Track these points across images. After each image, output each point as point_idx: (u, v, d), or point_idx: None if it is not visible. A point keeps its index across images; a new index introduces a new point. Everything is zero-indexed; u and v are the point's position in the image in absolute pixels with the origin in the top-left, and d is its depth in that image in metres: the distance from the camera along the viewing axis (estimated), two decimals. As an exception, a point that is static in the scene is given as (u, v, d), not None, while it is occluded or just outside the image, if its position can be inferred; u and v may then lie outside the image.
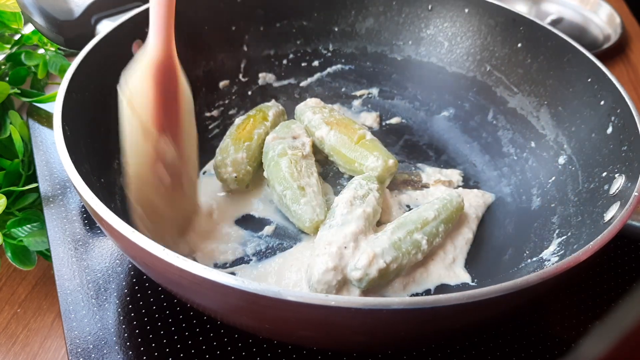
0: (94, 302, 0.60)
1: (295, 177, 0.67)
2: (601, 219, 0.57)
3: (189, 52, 0.77)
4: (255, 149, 0.73)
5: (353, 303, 0.41)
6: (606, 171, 0.62)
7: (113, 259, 0.65)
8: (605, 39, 1.14)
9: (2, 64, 0.82)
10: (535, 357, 0.58)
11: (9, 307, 0.69)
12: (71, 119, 0.58)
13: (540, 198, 0.70)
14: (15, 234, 0.69)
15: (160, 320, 0.59)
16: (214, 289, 0.43)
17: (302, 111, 0.78)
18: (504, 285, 0.43)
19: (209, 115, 0.81)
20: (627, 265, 0.68)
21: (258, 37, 0.82)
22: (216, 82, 0.79)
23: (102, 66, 0.66)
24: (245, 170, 0.70)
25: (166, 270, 0.45)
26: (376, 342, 0.52)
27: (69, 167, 0.51)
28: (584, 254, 0.47)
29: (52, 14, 0.71)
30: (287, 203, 0.67)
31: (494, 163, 0.78)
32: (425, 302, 0.41)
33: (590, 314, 0.62)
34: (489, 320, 0.53)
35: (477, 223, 0.70)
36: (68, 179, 0.65)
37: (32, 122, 0.80)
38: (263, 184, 0.73)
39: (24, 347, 0.65)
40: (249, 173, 0.71)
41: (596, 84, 0.67)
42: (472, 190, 0.74)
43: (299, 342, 0.56)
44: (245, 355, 0.57)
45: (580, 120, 0.68)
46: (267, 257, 0.66)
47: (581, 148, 0.67)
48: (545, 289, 0.46)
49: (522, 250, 0.65)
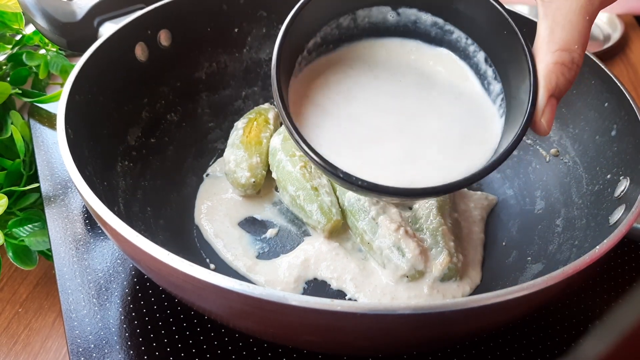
0: (95, 301, 0.60)
1: (307, 178, 0.67)
2: (606, 222, 0.57)
3: (191, 54, 0.77)
4: (266, 153, 0.73)
5: (359, 308, 0.40)
6: (610, 174, 0.62)
7: (114, 259, 0.65)
8: (605, 39, 1.14)
9: (3, 64, 0.82)
10: (535, 357, 0.58)
11: (10, 307, 0.69)
12: (74, 122, 0.58)
13: (544, 201, 0.70)
14: (17, 234, 0.69)
15: (162, 320, 0.59)
16: (218, 294, 0.43)
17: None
18: (511, 290, 0.42)
19: (210, 117, 0.80)
20: (627, 265, 0.68)
21: (260, 38, 0.82)
22: (218, 84, 0.79)
23: (105, 69, 0.66)
24: (261, 174, 0.71)
25: (170, 274, 0.45)
26: (382, 347, 0.52)
27: (72, 170, 0.51)
28: (591, 258, 0.46)
29: (54, 16, 0.71)
30: (301, 204, 0.67)
31: (497, 165, 0.78)
32: (431, 307, 0.41)
33: (590, 314, 0.63)
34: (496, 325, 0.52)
35: (483, 224, 0.70)
36: (69, 179, 0.65)
37: (33, 122, 0.80)
38: (266, 186, 0.73)
39: (25, 347, 0.65)
40: (264, 177, 0.71)
41: (600, 86, 0.66)
42: (476, 193, 0.73)
43: (303, 346, 0.56)
44: (246, 355, 0.57)
45: (584, 123, 0.68)
46: (268, 259, 0.66)
47: (585, 150, 0.67)
48: (553, 293, 0.46)
49: (526, 253, 0.65)
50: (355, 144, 0.52)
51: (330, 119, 0.54)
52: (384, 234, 0.63)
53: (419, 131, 0.54)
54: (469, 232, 0.68)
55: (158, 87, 0.75)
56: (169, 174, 0.73)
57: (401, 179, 0.50)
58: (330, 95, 0.55)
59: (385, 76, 0.57)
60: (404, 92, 0.56)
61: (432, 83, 0.57)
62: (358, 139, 0.53)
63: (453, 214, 0.67)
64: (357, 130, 0.53)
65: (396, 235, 0.62)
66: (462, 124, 0.54)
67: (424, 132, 0.54)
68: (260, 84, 0.84)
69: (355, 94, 0.55)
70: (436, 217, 0.65)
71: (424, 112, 0.55)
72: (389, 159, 0.52)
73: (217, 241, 0.67)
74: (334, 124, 0.53)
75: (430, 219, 0.65)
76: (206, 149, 0.78)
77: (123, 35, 0.69)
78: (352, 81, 0.56)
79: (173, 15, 0.74)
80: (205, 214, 0.70)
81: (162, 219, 0.68)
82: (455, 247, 0.63)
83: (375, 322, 0.42)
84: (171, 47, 0.75)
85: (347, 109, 0.54)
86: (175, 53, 0.75)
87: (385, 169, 0.51)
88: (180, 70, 0.77)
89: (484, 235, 0.69)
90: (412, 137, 0.53)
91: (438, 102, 0.56)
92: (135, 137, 0.71)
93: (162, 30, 0.73)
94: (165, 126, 0.75)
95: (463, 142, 0.53)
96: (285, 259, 0.65)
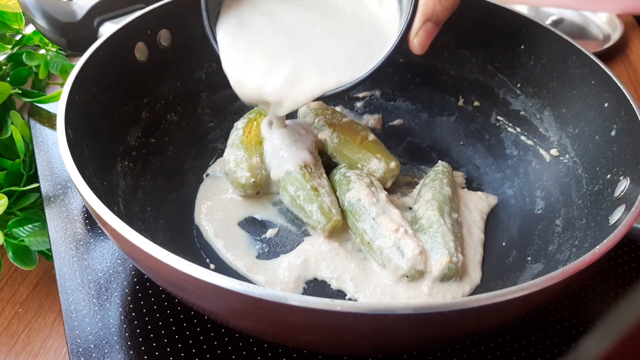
0: (95, 301, 0.60)
1: (307, 178, 0.67)
2: (606, 222, 0.57)
3: (191, 54, 0.77)
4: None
5: (359, 308, 0.41)
6: (610, 173, 0.62)
7: (114, 259, 0.65)
8: (605, 39, 1.14)
9: (3, 64, 0.82)
10: (535, 357, 0.58)
11: (10, 307, 0.69)
12: (74, 122, 0.58)
13: (544, 200, 0.70)
14: (17, 234, 0.69)
15: (162, 320, 0.59)
16: (218, 294, 0.43)
17: (305, 113, 0.78)
18: (511, 290, 0.43)
19: (210, 117, 0.80)
20: (627, 265, 0.68)
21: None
22: (218, 84, 0.79)
23: (105, 69, 0.66)
24: (262, 174, 0.70)
25: (170, 274, 0.45)
26: (382, 347, 0.52)
27: (72, 170, 0.51)
28: (591, 258, 0.46)
29: (54, 16, 0.71)
30: (301, 204, 0.67)
31: (497, 165, 0.78)
32: (431, 307, 0.41)
33: (590, 314, 0.63)
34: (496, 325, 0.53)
35: (483, 224, 0.70)
36: (69, 179, 0.65)
37: (33, 122, 0.80)
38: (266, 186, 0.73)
39: (25, 347, 0.65)
40: (264, 177, 0.71)
41: (600, 86, 0.66)
42: (476, 193, 0.73)
43: (303, 346, 0.56)
44: (246, 355, 0.57)
45: (584, 123, 0.68)
46: (268, 259, 0.66)
47: (585, 150, 0.67)
48: (552, 293, 0.46)
49: (526, 253, 0.65)
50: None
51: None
52: (384, 234, 0.63)
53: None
54: (469, 232, 0.68)
55: (158, 87, 0.75)
56: (169, 174, 0.73)
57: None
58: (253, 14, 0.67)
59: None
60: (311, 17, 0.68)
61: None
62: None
63: (453, 214, 0.67)
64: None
65: (396, 235, 0.62)
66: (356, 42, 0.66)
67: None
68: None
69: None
70: (436, 217, 0.65)
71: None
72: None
73: (217, 241, 0.67)
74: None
75: (431, 219, 0.65)
76: (206, 149, 0.78)
77: (123, 35, 0.69)
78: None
79: (173, 15, 0.74)
80: (205, 214, 0.70)
81: (162, 219, 0.68)
82: (455, 247, 0.63)
83: (375, 322, 0.42)
84: (171, 47, 0.75)
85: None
86: (175, 53, 0.76)
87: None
88: (180, 70, 0.77)
89: (484, 235, 0.69)
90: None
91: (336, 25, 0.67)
92: (135, 137, 0.71)
93: (162, 30, 0.73)
94: (165, 126, 0.75)
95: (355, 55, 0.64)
96: (285, 259, 0.65)
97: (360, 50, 0.65)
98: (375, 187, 0.68)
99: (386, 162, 0.70)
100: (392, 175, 0.71)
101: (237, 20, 0.67)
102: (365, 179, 0.69)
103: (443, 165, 0.74)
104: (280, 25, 0.67)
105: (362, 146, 0.72)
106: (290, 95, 0.63)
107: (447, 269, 0.61)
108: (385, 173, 0.70)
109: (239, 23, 0.66)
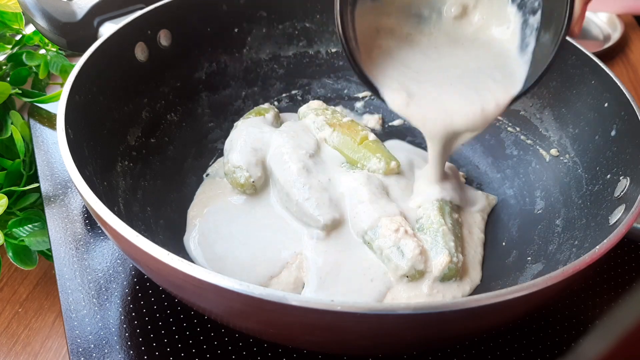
0: (95, 301, 0.60)
1: (307, 178, 0.67)
2: (606, 222, 0.57)
3: (191, 54, 0.77)
4: None
5: (359, 308, 0.40)
6: (610, 174, 0.62)
7: (114, 259, 0.65)
8: (605, 39, 1.14)
9: (3, 64, 0.82)
10: (535, 357, 0.58)
11: (10, 307, 0.69)
12: (74, 122, 0.58)
13: (544, 200, 0.70)
14: (17, 234, 0.69)
15: (162, 320, 0.59)
16: (218, 294, 0.43)
17: (305, 113, 0.78)
18: (511, 290, 0.42)
19: (210, 117, 0.80)
20: (627, 265, 0.68)
21: (260, 39, 0.82)
22: (218, 84, 0.79)
23: (105, 69, 0.66)
24: (261, 174, 0.70)
25: (170, 274, 0.45)
26: (382, 347, 0.52)
27: (72, 170, 0.51)
28: (591, 258, 0.46)
29: (54, 16, 0.71)
30: (300, 203, 0.66)
31: (497, 165, 0.78)
32: (431, 307, 0.41)
33: (590, 314, 0.63)
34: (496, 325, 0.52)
35: (484, 224, 0.70)
36: (69, 179, 0.65)
37: (33, 122, 0.80)
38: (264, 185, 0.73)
39: (25, 347, 0.65)
40: (263, 177, 0.71)
41: (600, 87, 0.66)
42: (476, 193, 0.73)
43: (303, 346, 0.56)
44: (246, 355, 0.57)
45: (584, 123, 0.68)
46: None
47: (585, 150, 0.67)
48: (552, 293, 0.46)
49: (526, 253, 0.65)
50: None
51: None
52: (384, 234, 0.63)
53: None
54: (469, 232, 0.68)
55: (158, 87, 0.75)
56: (169, 174, 0.73)
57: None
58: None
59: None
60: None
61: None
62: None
63: (453, 214, 0.67)
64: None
65: (396, 235, 0.62)
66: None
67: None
68: (260, 83, 0.84)
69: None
70: (436, 217, 0.65)
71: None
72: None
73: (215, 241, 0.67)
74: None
75: (431, 219, 0.65)
76: (206, 149, 0.78)
77: (123, 35, 0.69)
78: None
79: (173, 15, 0.74)
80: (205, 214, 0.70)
81: (162, 219, 0.68)
82: (455, 247, 0.63)
83: (376, 322, 0.42)
84: (171, 47, 0.75)
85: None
86: (175, 53, 0.76)
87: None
88: (180, 70, 0.77)
89: (484, 235, 0.69)
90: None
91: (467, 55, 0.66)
92: (135, 137, 0.71)
93: (162, 30, 0.73)
94: (165, 126, 0.75)
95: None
96: (285, 259, 0.65)
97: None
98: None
99: (386, 162, 0.70)
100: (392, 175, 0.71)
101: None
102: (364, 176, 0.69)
103: None
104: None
105: (362, 146, 0.72)
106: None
107: (448, 269, 0.61)
108: (385, 173, 0.70)
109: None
